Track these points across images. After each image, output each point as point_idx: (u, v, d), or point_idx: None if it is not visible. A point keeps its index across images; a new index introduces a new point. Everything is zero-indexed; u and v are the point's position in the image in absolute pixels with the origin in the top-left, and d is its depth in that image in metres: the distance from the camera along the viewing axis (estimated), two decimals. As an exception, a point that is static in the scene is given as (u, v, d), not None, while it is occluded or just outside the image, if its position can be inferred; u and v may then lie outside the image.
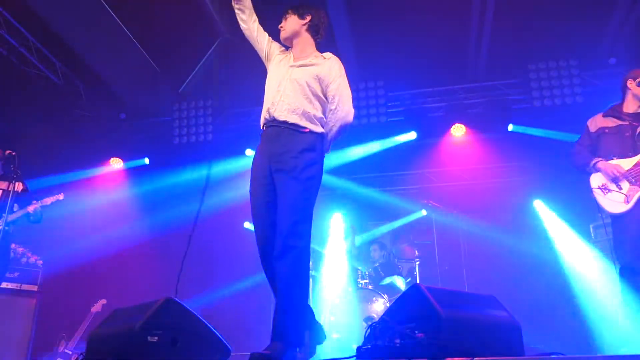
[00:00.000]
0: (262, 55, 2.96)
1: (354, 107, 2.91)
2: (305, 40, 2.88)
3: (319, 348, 2.71)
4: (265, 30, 3.01)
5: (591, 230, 4.68)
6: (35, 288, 5.27)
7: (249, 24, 2.91)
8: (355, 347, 2.37)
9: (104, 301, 5.73)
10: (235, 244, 7.14)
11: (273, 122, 2.69)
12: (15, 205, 4.65)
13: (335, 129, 2.74)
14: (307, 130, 2.64)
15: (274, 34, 3.02)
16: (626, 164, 3.21)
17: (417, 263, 5.72)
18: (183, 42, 6.05)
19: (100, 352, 2.73)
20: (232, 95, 6.82)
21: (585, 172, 3.41)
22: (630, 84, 3.38)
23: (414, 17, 5.68)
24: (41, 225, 4.99)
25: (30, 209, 4.71)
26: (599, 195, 3.27)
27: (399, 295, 2.69)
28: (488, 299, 2.56)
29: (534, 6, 5.42)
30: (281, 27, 2.92)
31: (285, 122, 2.64)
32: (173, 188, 7.18)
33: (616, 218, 3.22)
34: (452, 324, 2.09)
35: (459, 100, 6.49)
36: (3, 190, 4.50)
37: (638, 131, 3.27)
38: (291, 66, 2.79)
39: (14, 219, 4.64)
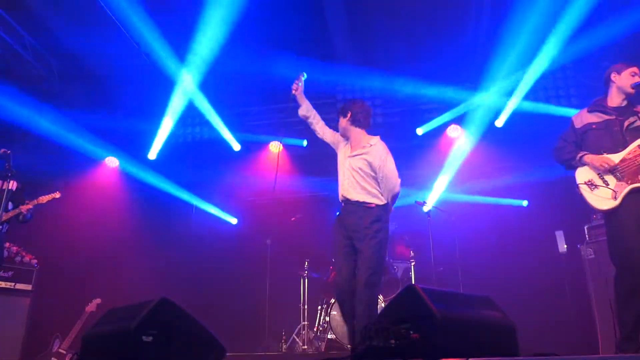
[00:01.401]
0: (333, 146, 3.75)
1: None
2: (355, 132, 3.59)
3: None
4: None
5: (586, 232, 4.68)
6: (29, 287, 5.24)
7: (318, 127, 3.74)
8: (350, 347, 2.38)
9: (98, 300, 5.70)
10: (233, 243, 7.13)
11: (347, 201, 3.47)
12: (10, 203, 4.63)
13: (389, 199, 3.49)
14: (373, 205, 3.40)
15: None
16: (614, 158, 3.11)
17: (413, 264, 5.73)
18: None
19: (95, 352, 2.73)
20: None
21: (570, 167, 3.31)
22: (615, 77, 3.30)
23: (412, 19, 5.69)
24: (36, 224, 4.96)
25: (24, 208, 4.68)
26: (585, 191, 3.16)
27: (394, 295, 2.71)
28: (483, 300, 2.57)
29: (529, 8, 5.43)
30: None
31: (357, 202, 3.42)
32: (169, 187, 7.17)
33: (608, 216, 3.10)
34: (447, 324, 2.10)
35: (454, 101, 6.50)
36: (-3, 189, 4.46)
37: (626, 125, 3.18)
38: (348, 157, 3.54)
39: (7, 218, 4.61)
